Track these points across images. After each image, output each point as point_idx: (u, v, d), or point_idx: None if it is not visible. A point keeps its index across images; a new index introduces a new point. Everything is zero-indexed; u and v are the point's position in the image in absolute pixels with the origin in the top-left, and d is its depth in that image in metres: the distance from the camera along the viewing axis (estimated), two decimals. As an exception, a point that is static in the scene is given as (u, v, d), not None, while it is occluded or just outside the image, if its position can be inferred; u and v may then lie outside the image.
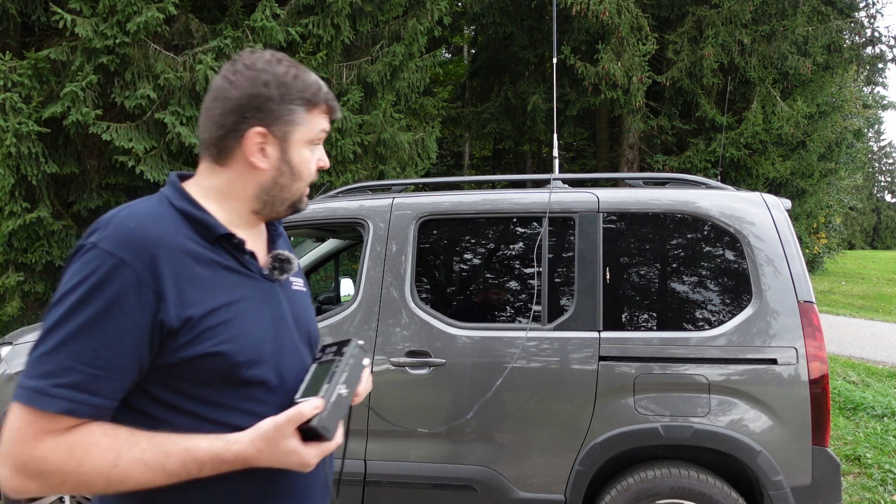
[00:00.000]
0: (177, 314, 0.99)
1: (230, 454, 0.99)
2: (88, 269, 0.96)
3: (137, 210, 1.05)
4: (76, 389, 0.94)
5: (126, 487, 0.96)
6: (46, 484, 0.95)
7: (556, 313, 2.72)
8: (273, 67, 1.11)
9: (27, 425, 0.94)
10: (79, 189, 7.94)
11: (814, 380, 2.48)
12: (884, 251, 48.92)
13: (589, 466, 2.60)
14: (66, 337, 0.94)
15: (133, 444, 0.96)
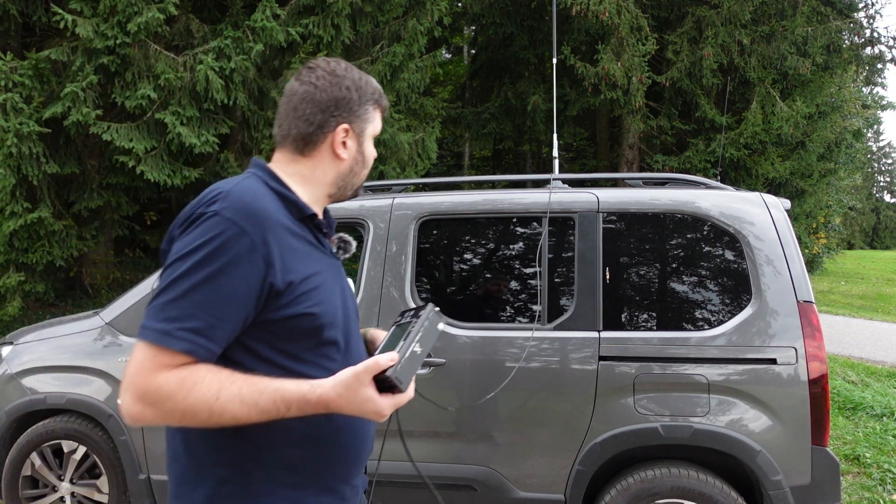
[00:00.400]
0: (282, 278, 1.16)
1: (314, 396, 1.11)
2: (213, 232, 1.11)
3: (248, 187, 1.19)
4: (196, 333, 1.09)
5: (224, 420, 1.10)
6: (159, 411, 1.08)
7: (556, 313, 2.73)
8: (350, 73, 1.33)
9: (149, 360, 1.08)
10: (79, 189, 7.95)
11: (813, 379, 2.49)
12: (883, 251, 48.93)
13: (589, 466, 2.61)
14: (189, 289, 1.09)
15: (232, 381, 1.10)
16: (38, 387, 3.20)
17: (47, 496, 3.22)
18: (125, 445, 3.05)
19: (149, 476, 3.06)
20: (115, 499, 3.15)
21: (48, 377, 3.21)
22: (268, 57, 7.53)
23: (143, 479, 3.06)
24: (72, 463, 3.18)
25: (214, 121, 7.37)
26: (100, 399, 3.10)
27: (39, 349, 3.30)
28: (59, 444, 3.18)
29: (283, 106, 1.34)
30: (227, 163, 7.67)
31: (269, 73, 7.79)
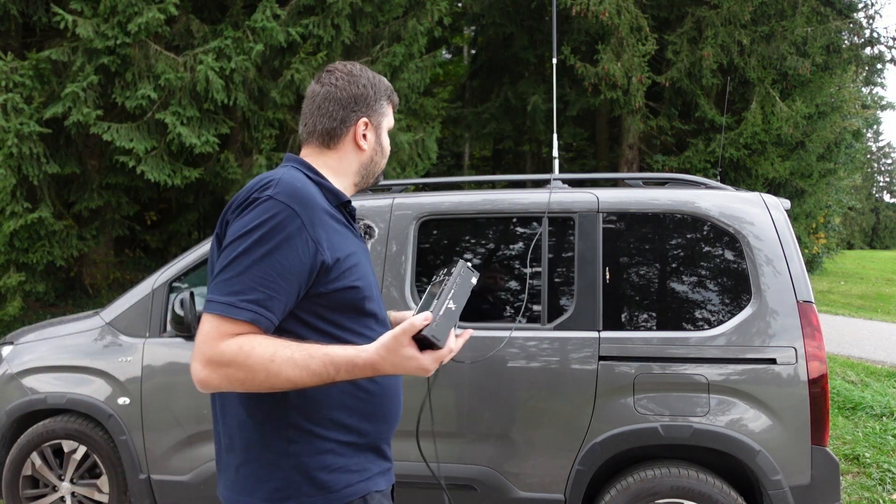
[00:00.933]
0: (330, 255, 1.30)
1: (360, 360, 1.22)
2: (268, 213, 1.25)
3: (294, 176, 1.33)
4: (256, 304, 1.21)
5: (279, 383, 1.21)
6: (223, 375, 1.20)
7: (556, 313, 2.73)
8: (365, 73, 1.50)
9: (215, 329, 1.21)
10: (80, 189, 7.95)
11: (813, 379, 2.49)
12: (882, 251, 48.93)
13: (589, 466, 2.61)
14: (250, 265, 1.22)
15: (285, 346, 1.22)
16: (38, 387, 3.21)
17: (47, 496, 3.23)
18: (125, 445, 3.05)
19: (149, 476, 3.06)
20: (115, 499, 3.15)
21: (48, 377, 3.22)
22: (268, 57, 7.53)
23: (143, 479, 3.06)
24: (72, 463, 3.18)
25: (214, 121, 7.37)
26: (100, 399, 3.10)
27: (40, 349, 3.30)
28: (59, 443, 3.19)
29: (307, 106, 1.49)
30: (227, 163, 7.67)
31: (269, 73, 7.79)
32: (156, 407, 3.03)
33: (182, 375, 3.00)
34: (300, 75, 7.39)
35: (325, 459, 1.31)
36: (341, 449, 1.33)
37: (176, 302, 2.92)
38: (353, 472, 1.34)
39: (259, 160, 7.59)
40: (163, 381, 3.03)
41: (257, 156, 7.68)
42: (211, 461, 2.96)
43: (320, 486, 1.30)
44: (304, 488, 1.29)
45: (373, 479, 1.38)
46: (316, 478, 1.30)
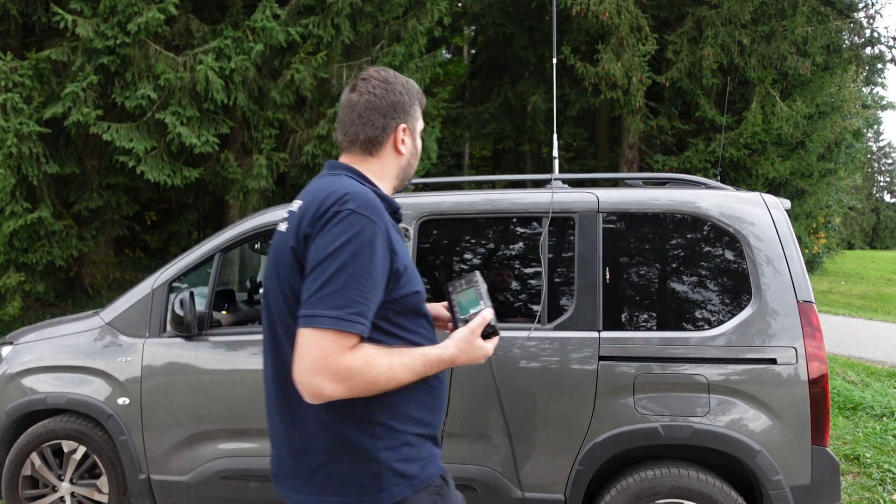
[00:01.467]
0: (400, 262, 1.41)
1: (446, 355, 1.43)
2: (355, 228, 1.32)
3: (361, 187, 1.42)
4: (361, 315, 1.30)
5: (393, 385, 1.36)
6: (349, 386, 1.30)
7: (556, 313, 2.73)
8: (398, 79, 1.56)
9: (333, 344, 1.28)
10: (79, 189, 7.95)
11: (813, 379, 2.49)
12: (883, 251, 48.93)
13: (589, 466, 2.60)
14: (348, 279, 1.29)
15: (392, 353, 1.36)
16: (38, 387, 3.20)
17: (47, 496, 3.22)
18: (125, 445, 3.05)
19: (149, 476, 3.06)
20: (115, 499, 3.15)
21: (48, 377, 3.21)
22: (268, 57, 7.53)
23: (143, 479, 3.06)
24: (72, 463, 3.17)
25: (214, 121, 7.37)
26: (100, 399, 3.10)
27: (39, 349, 3.30)
28: (59, 444, 3.18)
29: (347, 115, 1.54)
30: (227, 163, 7.67)
31: (269, 73, 7.79)
32: (155, 407, 3.03)
33: (182, 375, 3.00)
34: (300, 75, 7.39)
35: (403, 451, 1.42)
36: (415, 440, 1.45)
37: (176, 302, 2.92)
38: (425, 460, 1.47)
39: (259, 160, 7.58)
40: (163, 382, 3.03)
41: (257, 156, 7.68)
42: (210, 461, 2.96)
43: (404, 475, 1.41)
44: (392, 479, 1.39)
45: (436, 462, 1.51)
46: (399, 469, 1.41)
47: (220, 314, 3.59)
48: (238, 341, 2.98)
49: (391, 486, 1.39)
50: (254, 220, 3.13)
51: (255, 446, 2.92)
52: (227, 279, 6.83)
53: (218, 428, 2.95)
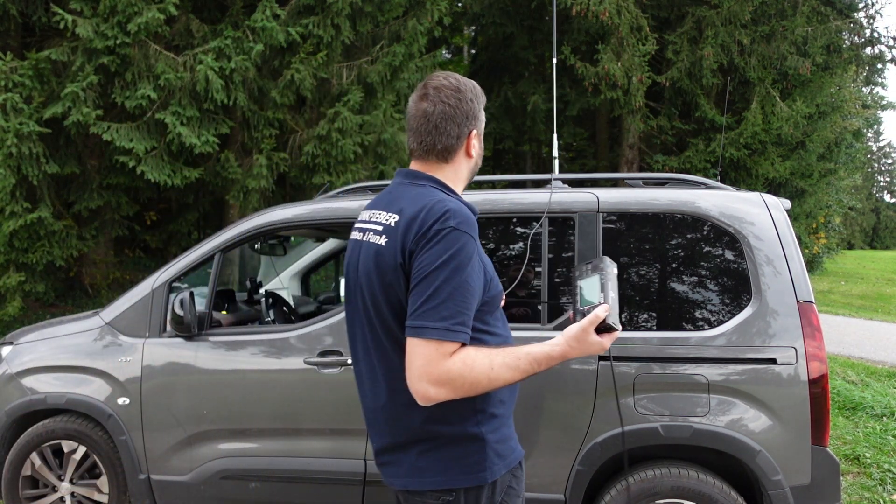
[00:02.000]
0: (489, 269, 1.55)
1: (555, 352, 1.50)
2: (458, 244, 1.44)
3: (455, 202, 1.52)
4: (463, 325, 1.43)
5: (497, 385, 1.46)
6: (452, 388, 1.42)
7: (556, 313, 2.73)
8: (465, 84, 1.62)
9: (435, 352, 1.40)
10: (79, 189, 7.95)
11: (813, 379, 2.49)
12: (883, 251, 48.93)
13: (589, 466, 2.60)
14: (452, 291, 1.42)
15: (494, 354, 1.46)
16: (38, 387, 3.20)
17: (47, 496, 3.22)
18: (125, 445, 3.05)
19: (149, 476, 3.06)
20: (115, 499, 3.15)
21: (48, 377, 3.21)
22: (268, 57, 7.53)
23: (143, 479, 3.06)
24: (72, 463, 3.17)
25: (214, 121, 7.37)
26: (100, 399, 3.09)
27: (39, 349, 3.30)
28: (59, 444, 3.18)
29: (422, 125, 1.60)
30: (227, 163, 7.66)
31: (269, 73, 7.79)
32: (155, 407, 3.03)
33: (182, 375, 3.00)
34: (300, 75, 7.39)
35: (501, 433, 1.58)
36: (507, 422, 1.62)
37: (176, 302, 2.92)
38: (513, 440, 1.64)
39: (259, 160, 7.58)
40: (162, 382, 3.03)
41: (257, 156, 7.68)
42: (210, 461, 2.96)
43: (500, 454, 1.57)
44: (492, 459, 1.54)
45: (517, 442, 1.66)
46: (498, 449, 1.56)
47: (220, 314, 3.59)
48: (238, 341, 2.98)
49: (492, 466, 1.54)
50: (254, 220, 3.13)
51: (255, 446, 2.92)
52: (227, 279, 6.84)
53: (218, 428, 2.95)
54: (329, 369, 2.82)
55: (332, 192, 3.36)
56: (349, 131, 7.80)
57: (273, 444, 2.89)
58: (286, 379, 2.88)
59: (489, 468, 1.53)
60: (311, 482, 2.84)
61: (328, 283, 8.40)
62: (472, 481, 1.52)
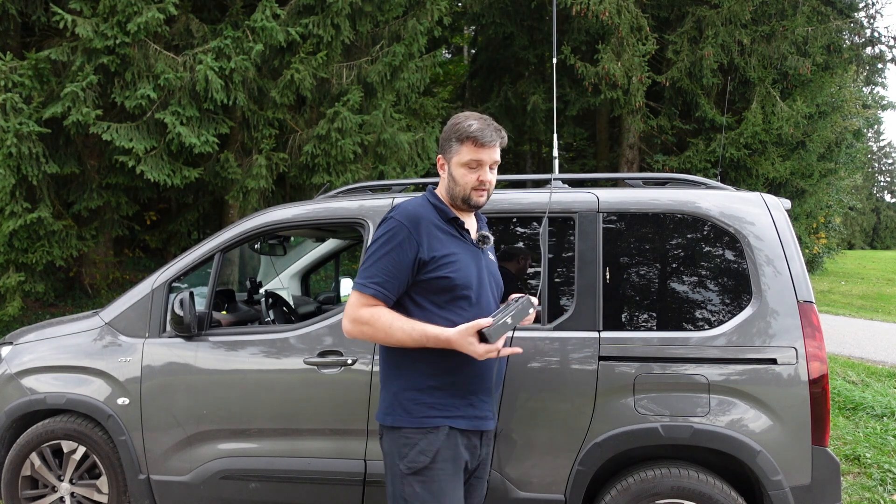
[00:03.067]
0: (427, 254, 1.97)
1: (443, 336, 1.88)
2: (388, 227, 1.98)
3: (412, 202, 2.07)
4: (378, 284, 1.95)
5: (392, 341, 1.94)
6: (360, 330, 1.97)
7: (556, 313, 2.72)
8: (450, 121, 2.11)
9: (356, 300, 1.98)
10: (79, 189, 7.94)
11: (813, 380, 2.49)
12: (883, 251, 48.91)
13: (589, 466, 2.60)
14: (376, 260, 1.97)
15: (398, 318, 1.94)
16: (37, 387, 3.20)
17: (47, 496, 3.22)
18: (125, 445, 3.05)
19: (148, 476, 3.05)
20: (114, 499, 3.14)
21: (48, 377, 3.21)
22: (268, 57, 7.53)
23: (142, 479, 3.05)
24: (71, 463, 3.17)
25: (214, 121, 7.37)
26: (99, 399, 3.09)
27: (39, 349, 3.29)
28: (58, 444, 3.18)
29: None
30: (226, 162, 7.66)
31: (269, 73, 7.79)
32: (155, 407, 3.02)
33: (182, 376, 3.00)
34: (300, 75, 7.39)
35: (414, 396, 1.98)
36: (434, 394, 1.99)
37: (175, 302, 2.92)
38: (434, 409, 1.97)
39: (259, 160, 7.58)
40: (162, 382, 3.02)
41: (257, 156, 7.68)
42: (210, 461, 2.97)
43: (408, 411, 1.99)
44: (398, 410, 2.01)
45: (448, 413, 1.99)
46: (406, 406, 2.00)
47: (220, 314, 3.59)
48: (238, 341, 2.98)
49: (394, 413, 1.99)
50: (254, 220, 3.13)
51: (254, 446, 2.92)
52: (227, 279, 6.83)
53: (217, 428, 2.95)
54: (329, 369, 2.82)
55: (332, 192, 3.36)
56: (349, 131, 7.80)
57: (273, 444, 2.89)
58: (286, 379, 2.88)
59: (392, 414, 1.99)
60: (311, 482, 2.83)
61: (328, 283, 8.39)
62: (385, 421, 2.01)
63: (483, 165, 2.05)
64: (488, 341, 1.83)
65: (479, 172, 2.05)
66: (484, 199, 2.10)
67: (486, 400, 2.06)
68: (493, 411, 2.10)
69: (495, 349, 1.86)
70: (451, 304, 1.99)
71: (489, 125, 2.05)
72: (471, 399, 2.01)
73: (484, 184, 2.07)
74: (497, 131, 2.07)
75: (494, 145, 2.05)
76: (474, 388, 2.02)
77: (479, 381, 2.03)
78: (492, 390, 2.07)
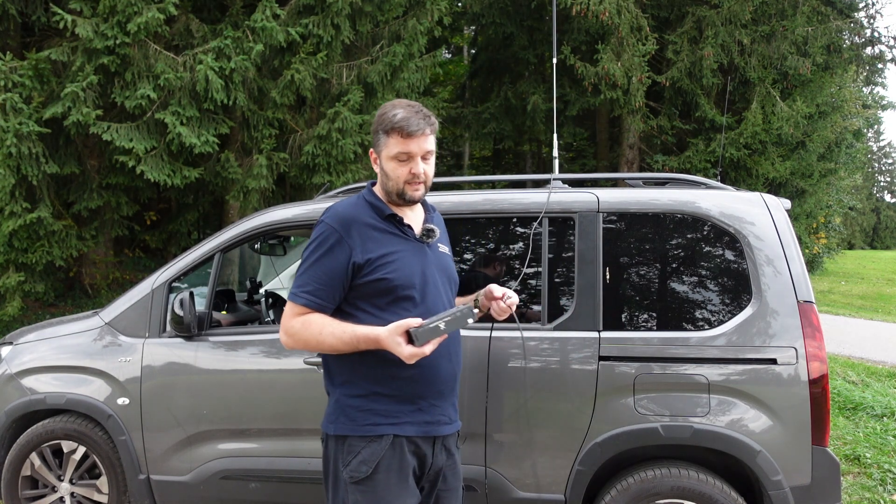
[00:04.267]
0: (361, 257, 1.86)
1: (373, 335, 1.79)
2: (318, 232, 1.89)
3: (345, 203, 1.97)
4: (309, 293, 1.86)
5: (325, 348, 1.86)
6: (293, 340, 1.90)
7: (556, 313, 2.72)
8: (378, 112, 1.94)
9: (289, 310, 1.90)
10: (79, 189, 7.94)
11: (813, 380, 2.49)
12: (883, 251, 48.91)
13: (589, 466, 2.60)
14: (308, 267, 1.88)
15: (329, 323, 1.85)
16: (37, 387, 3.20)
17: (47, 496, 3.22)
18: (125, 445, 3.05)
19: (148, 476, 3.06)
20: (114, 499, 3.14)
21: (48, 377, 3.21)
22: (268, 57, 7.52)
23: (142, 479, 3.05)
24: (71, 463, 3.17)
25: (214, 121, 7.37)
26: (99, 399, 3.09)
27: (39, 349, 3.29)
28: (58, 444, 3.18)
29: None
30: (227, 163, 7.66)
31: (269, 73, 7.79)
32: (155, 407, 3.02)
33: (182, 376, 3.00)
34: (300, 75, 7.38)
35: (360, 402, 1.90)
36: (379, 400, 1.89)
37: (175, 302, 2.92)
38: (380, 417, 1.88)
39: (259, 160, 7.58)
40: (162, 382, 3.02)
41: (257, 156, 7.67)
42: (210, 461, 2.97)
43: (352, 418, 1.91)
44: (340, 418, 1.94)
45: (394, 420, 1.89)
46: (349, 413, 1.92)
47: (220, 314, 3.59)
48: (238, 341, 2.98)
49: (337, 421, 1.92)
50: (254, 220, 3.13)
51: (254, 446, 2.92)
52: (227, 279, 6.83)
53: (218, 428, 2.95)
54: (329, 369, 2.81)
55: (332, 192, 3.36)
56: (349, 131, 7.79)
57: (273, 444, 2.89)
58: (286, 379, 2.88)
59: (335, 422, 1.92)
60: (311, 482, 2.83)
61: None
62: (328, 429, 1.95)
63: (413, 157, 1.89)
64: (414, 343, 1.74)
65: (411, 165, 1.90)
66: (420, 192, 1.95)
67: (438, 404, 1.93)
68: (448, 416, 1.98)
69: (420, 353, 1.75)
70: (393, 305, 1.86)
71: (416, 112, 1.88)
72: (419, 404, 1.90)
73: (417, 176, 1.91)
74: (425, 118, 1.89)
75: (423, 134, 1.88)
76: (422, 393, 1.90)
77: (427, 385, 1.90)
78: (444, 394, 1.95)
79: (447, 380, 1.95)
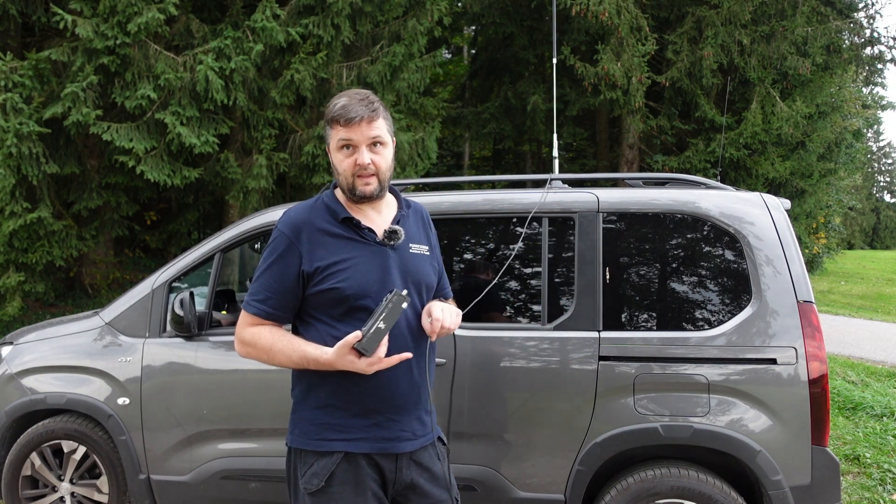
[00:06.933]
0: (309, 265, 1.74)
1: (323, 358, 1.69)
2: (272, 240, 1.79)
3: (301, 206, 1.85)
4: (260, 302, 1.78)
5: (275, 362, 1.77)
6: (245, 350, 1.82)
7: (556, 313, 2.73)
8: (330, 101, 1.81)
9: (242, 319, 1.83)
10: (79, 189, 7.95)
11: (813, 379, 2.49)
12: (883, 251, 48.92)
13: (589, 466, 2.60)
14: (259, 274, 1.79)
15: (279, 339, 1.75)
16: (37, 387, 3.20)
17: (47, 496, 3.22)
18: (125, 445, 3.05)
19: (149, 476, 3.06)
20: (114, 499, 3.15)
21: (48, 377, 3.21)
22: (268, 57, 7.52)
23: (142, 479, 3.06)
24: (72, 463, 3.17)
25: (214, 121, 7.37)
26: (100, 399, 3.09)
27: (39, 349, 3.30)
28: (58, 444, 3.18)
29: None
30: (227, 163, 7.66)
31: (269, 73, 7.79)
32: (155, 407, 3.03)
33: (182, 376, 3.00)
34: (300, 75, 7.38)
35: (314, 416, 1.79)
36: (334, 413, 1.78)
37: (176, 302, 2.92)
38: (332, 431, 1.77)
39: (259, 160, 7.58)
40: (162, 382, 3.03)
41: (257, 156, 7.67)
42: (210, 461, 2.97)
43: (304, 432, 1.80)
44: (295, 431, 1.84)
45: (346, 437, 1.77)
46: (302, 426, 1.82)
47: (220, 314, 3.59)
48: (238, 341, 2.98)
49: (292, 434, 1.83)
50: (254, 220, 3.13)
51: (255, 446, 2.92)
52: (227, 279, 6.83)
53: (218, 428, 2.95)
54: (329, 369, 2.82)
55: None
56: (349, 131, 7.78)
57: (273, 444, 2.89)
58: (286, 379, 2.87)
59: (291, 433, 1.83)
60: (311, 482, 2.83)
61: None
62: (287, 440, 1.86)
63: (357, 147, 1.74)
64: (364, 355, 1.63)
65: (355, 155, 1.74)
66: (371, 187, 1.77)
67: (397, 419, 1.78)
68: (412, 431, 1.80)
69: (377, 359, 1.64)
70: (348, 316, 1.73)
71: (360, 100, 1.74)
72: (375, 419, 1.76)
73: (364, 168, 1.74)
74: (367, 105, 1.73)
75: (364, 121, 1.72)
76: (377, 407, 1.76)
77: (384, 400, 1.76)
78: (404, 408, 1.79)
79: (407, 393, 1.79)
